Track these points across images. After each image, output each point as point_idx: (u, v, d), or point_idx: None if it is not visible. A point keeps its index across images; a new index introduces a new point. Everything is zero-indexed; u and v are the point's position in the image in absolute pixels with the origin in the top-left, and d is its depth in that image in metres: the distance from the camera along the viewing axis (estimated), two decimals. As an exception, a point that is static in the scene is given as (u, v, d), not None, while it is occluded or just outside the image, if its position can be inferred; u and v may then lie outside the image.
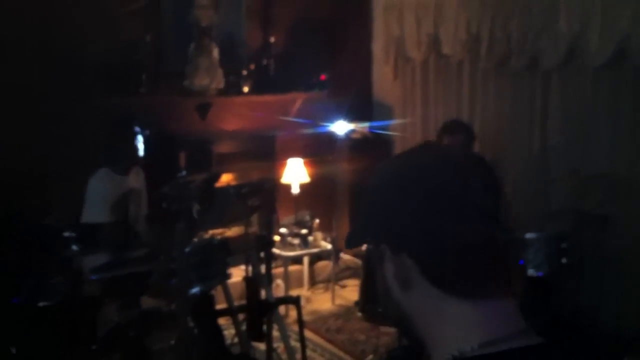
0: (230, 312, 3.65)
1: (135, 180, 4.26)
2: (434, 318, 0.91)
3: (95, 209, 3.95)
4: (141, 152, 4.08)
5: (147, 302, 3.65)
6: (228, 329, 4.33)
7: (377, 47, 6.19)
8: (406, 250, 0.91)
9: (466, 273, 0.89)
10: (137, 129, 4.11)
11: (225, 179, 5.39)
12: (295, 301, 3.75)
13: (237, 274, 4.36)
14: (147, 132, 4.08)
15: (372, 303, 4.29)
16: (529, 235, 4.03)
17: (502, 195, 0.93)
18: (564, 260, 4.05)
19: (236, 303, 3.83)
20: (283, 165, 5.74)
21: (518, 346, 0.86)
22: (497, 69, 5.02)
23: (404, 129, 5.93)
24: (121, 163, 4.12)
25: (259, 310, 3.56)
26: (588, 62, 4.34)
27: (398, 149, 6.08)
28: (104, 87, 4.77)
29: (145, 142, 4.06)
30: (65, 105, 4.59)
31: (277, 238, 5.50)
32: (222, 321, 4.17)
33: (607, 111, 4.40)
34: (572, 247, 4.07)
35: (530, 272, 3.97)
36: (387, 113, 6.14)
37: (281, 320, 3.97)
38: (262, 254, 3.72)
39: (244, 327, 3.71)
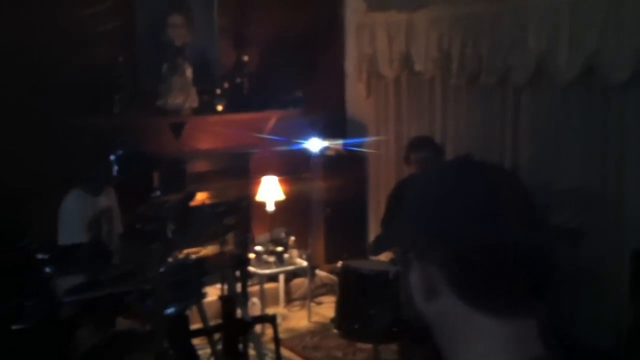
0: (206, 332, 3.63)
1: (108, 200, 4.25)
2: (458, 331, 0.90)
3: (69, 231, 3.93)
4: (114, 173, 4.06)
5: (123, 323, 3.62)
6: (204, 349, 4.31)
7: (350, 64, 6.24)
8: (435, 261, 0.90)
9: (496, 290, 0.88)
10: (110, 149, 4.10)
11: (201, 197, 5.38)
12: (272, 320, 3.73)
13: (213, 293, 4.34)
14: (121, 152, 4.07)
15: (348, 320, 4.28)
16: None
17: (534, 211, 0.93)
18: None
19: (212, 322, 3.81)
20: (258, 183, 5.74)
21: None
22: (469, 85, 5.09)
23: (377, 145, 5.97)
24: (94, 184, 4.11)
25: (235, 330, 3.54)
26: (557, 78, 4.42)
27: (372, 166, 6.13)
28: (77, 107, 4.74)
29: (119, 163, 4.05)
30: (38, 126, 4.56)
31: (252, 256, 5.49)
32: (198, 341, 4.15)
33: (577, 126, 4.47)
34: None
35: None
36: (361, 130, 6.18)
37: (257, 339, 3.96)
38: (237, 273, 3.72)
39: (219, 347, 3.69)
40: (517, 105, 4.81)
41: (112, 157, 4.17)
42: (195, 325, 3.79)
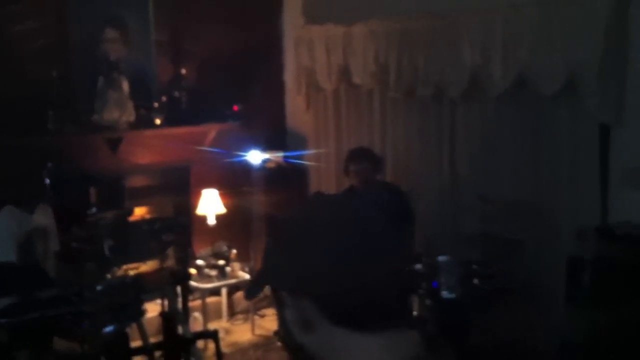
0: (146, 350, 3.58)
1: (42, 217, 4.16)
2: (340, 355, 0.94)
3: (1, 248, 3.84)
4: (48, 190, 3.99)
5: (61, 344, 3.53)
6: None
7: (289, 77, 6.26)
8: (306, 294, 0.94)
9: (365, 309, 0.93)
10: (44, 166, 4.03)
11: (140, 212, 5.32)
12: (213, 335, 3.71)
13: (154, 309, 4.27)
14: (55, 169, 4.00)
15: (291, 333, 4.28)
16: (441, 259, 4.14)
17: (405, 225, 0.99)
18: (475, 282, 4.18)
19: (153, 339, 3.77)
20: (198, 196, 5.70)
21: None
22: (406, 97, 5.17)
23: (318, 158, 6.00)
24: (26, 201, 4.03)
25: (177, 347, 3.51)
26: (490, 90, 4.52)
27: (313, 178, 6.15)
28: (9, 124, 4.63)
29: (53, 180, 3.97)
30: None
31: (193, 271, 5.44)
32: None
33: (511, 137, 4.58)
34: (484, 269, 4.22)
35: (444, 294, 4.08)
36: (301, 142, 6.21)
37: (199, 356, 3.92)
38: (178, 289, 3.68)
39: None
40: (453, 117, 4.91)
41: (45, 174, 4.10)
42: (136, 343, 3.74)
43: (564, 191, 4.32)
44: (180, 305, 3.71)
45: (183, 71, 5.65)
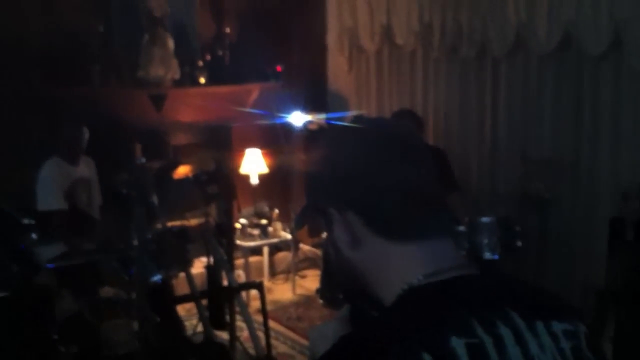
0: (191, 297, 3.65)
1: (86, 170, 4.27)
2: (384, 268, 0.97)
3: (48, 198, 3.96)
4: (89, 142, 4.08)
5: (107, 291, 3.64)
6: (189, 319, 4.35)
7: (331, 38, 6.24)
8: (351, 207, 0.97)
9: (405, 218, 0.96)
10: (89, 119, 4.11)
11: (183, 170, 5.39)
12: (258, 286, 3.75)
13: (199, 266, 4.36)
14: (99, 122, 4.07)
15: (333, 289, 4.32)
16: (483, 219, 4.11)
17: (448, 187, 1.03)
18: (518, 244, 4.15)
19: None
20: (241, 156, 5.74)
21: (458, 275, 0.94)
22: (449, 57, 5.12)
23: (359, 119, 5.98)
24: (71, 152, 4.14)
25: (222, 296, 3.57)
26: (536, 49, 4.46)
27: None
28: (55, 78, 4.71)
29: (97, 133, 4.05)
30: (17, 95, 4.54)
31: (238, 226, 5.51)
32: (184, 312, 4.19)
33: (553, 96, 4.52)
34: (524, 229, 4.20)
35: (487, 255, 4.06)
36: (343, 104, 6.19)
37: (244, 307, 3.98)
38: (223, 241, 3.74)
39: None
40: (496, 76, 4.85)
41: (87, 127, 4.19)
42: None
43: (605, 151, 4.27)
44: (224, 257, 3.76)
45: (227, 30, 5.66)
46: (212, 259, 3.69)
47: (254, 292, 4.79)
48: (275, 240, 5.78)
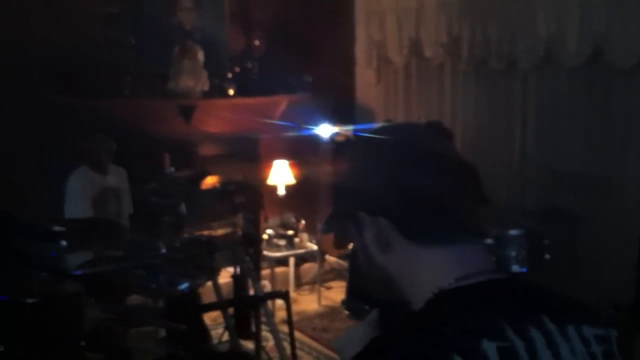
0: (217, 306, 3.67)
1: (116, 179, 4.32)
2: (414, 272, 0.98)
3: (76, 207, 4.01)
4: (118, 152, 4.13)
5: (135, 299, 3.67)
6: (216, 329, 4.37)
7: (360, 50, 6.26)
8: (382, 212, 0.98)
9: (436, 223, 0.97)
10: (118, 130, 4.16)
11: (210, 181, 5.43)
12: (284, 296, 3.75)
13: (225, 275, 4.38)
14: (129, 133, 4.12)
15: (358, 300, 4.32)
16: (512, 232, 4.09)
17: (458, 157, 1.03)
18: (546, 257, 4.12)
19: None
20: (268, 167, 5.78)
21: (488, 278, 0.94)
22: (477, 70, 5.11)
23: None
24: (99, 162, 4.19)
25: (248, 304, 3.58)
26: (565, 63, 4.43)
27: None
28: (86, 88, 4.79)
29: (128, 143, 4.10)
30: (48, 105, 4.62)
31: (265, 237, 5.53)
32: (210, 321, 4.20)
33: (582, 110, 4.49)
34: (552, 243, 4.16)
35: (514, 268, 4.03)
36: (370, 116, 6.21)
37: (270, 316, 3.99)
38: (250, 251, 3.76)
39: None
40: (525, 90, 4.84)
41: (115, 138, 4.25)
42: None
43: (636, 166, 4.22)
44: (251, 266, 3.77)
45: (256, 42, 5.71)
46: (238, 269, 3.72)
47: (279, 303, 4.79)
48: (301, 251, 5.79)
